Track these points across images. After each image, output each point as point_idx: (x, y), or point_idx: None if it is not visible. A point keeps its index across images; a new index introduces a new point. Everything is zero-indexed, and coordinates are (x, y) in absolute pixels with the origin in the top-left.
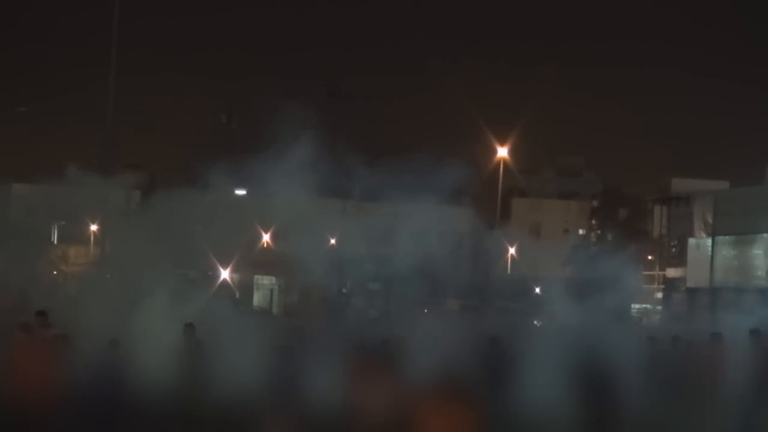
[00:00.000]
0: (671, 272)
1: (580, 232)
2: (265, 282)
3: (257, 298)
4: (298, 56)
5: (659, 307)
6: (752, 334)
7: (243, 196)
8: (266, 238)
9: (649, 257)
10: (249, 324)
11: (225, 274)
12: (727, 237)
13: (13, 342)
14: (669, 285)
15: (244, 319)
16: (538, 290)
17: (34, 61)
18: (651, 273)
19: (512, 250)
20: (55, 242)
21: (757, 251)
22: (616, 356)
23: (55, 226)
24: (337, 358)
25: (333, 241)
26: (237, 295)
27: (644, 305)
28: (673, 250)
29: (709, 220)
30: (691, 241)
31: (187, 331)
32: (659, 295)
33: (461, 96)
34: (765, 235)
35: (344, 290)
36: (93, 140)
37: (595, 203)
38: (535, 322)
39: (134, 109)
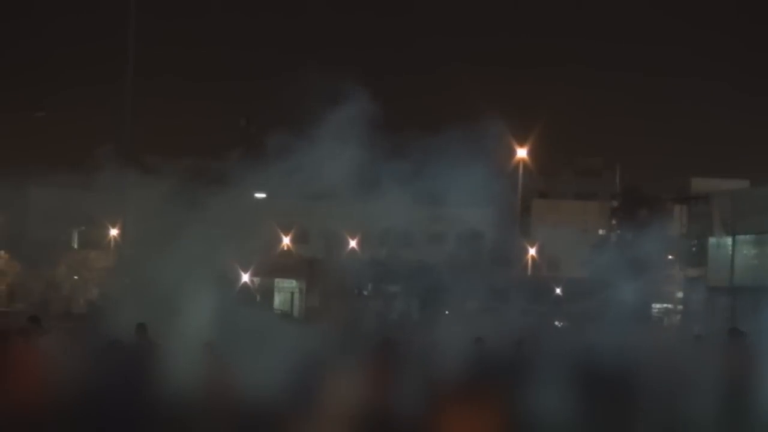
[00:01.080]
0: (691, 272)
1: (600, 232)
2: (285, 285)
3: (278, 301)
4: (316, 56)
5: (680, 307)
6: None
7: (263, 198)
8: (286, 241)
9: (669, 257)
10: (269, 327)
11: (245, 277)
12: (747, 236)
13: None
14: (689, 285)
15: (264, 322)
16: (558, 291)
17: (50, 66)
18: (671, 273)
19: (532, 251)
20: (76, 247)
21: None
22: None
23: (76, 231)
24: (354, 360)
25: (353, 244)
26: (257, 299)
27: (665, 305)
28: (693, 249)
29: (729, 219)
30: (712, 240)
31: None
32: (680, 294)
33: (478, 96)
34: None
35: (364, 293)
36: (110, 143)
37: (614, 204)
38: (556, 323)
39: (148, 109)
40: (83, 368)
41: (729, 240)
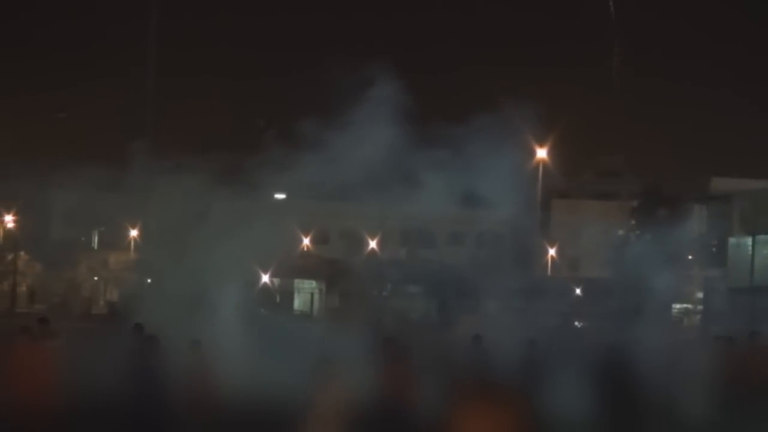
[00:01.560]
0: (711, 272)
1: (620, 232)
2: (305, 286)
3: (298, 302)
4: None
5: (700, 307)
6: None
7: (283, 199)
8: (306, 242)
9: (689, 257)
10: (289, 327)
11: (266, 278)
12: (767, 236)
13: (13, 346)
14: (709, 285)
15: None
16: (578, 291)
17: (72, 68)
18: (691, 273)
19: (552, 252)
20: (96, 248)
21: None
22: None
23: (96, 233)
24: (373, 359)
25: (373, 244)
26: (277, 299)
27: (685, 305)
28: (713, 249)
29: (749, 219)
30: (732, 240)
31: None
32: (700, 295)
33: (498, 96)
34: None
35: (384, 293)
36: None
37: (634, 204)
38: (576, 323)
39: (170, 109)
40: (90, 368)
41: (749, 240)
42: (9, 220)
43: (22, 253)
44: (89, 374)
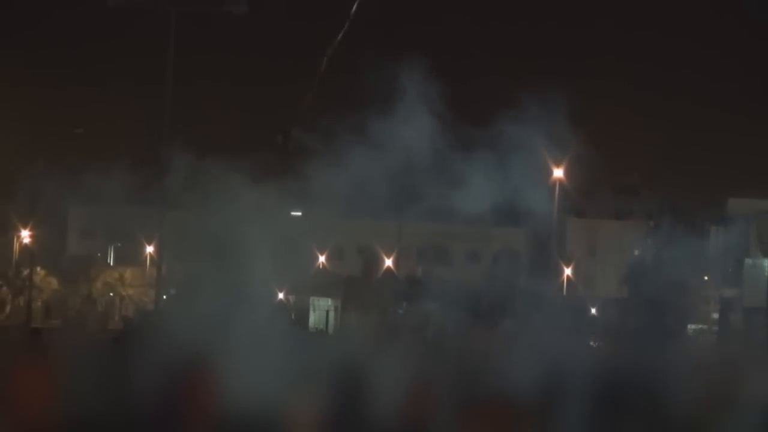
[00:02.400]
0: (727, 292)
1: (636, 252)
2: (321, 303)
3: (313, 319)
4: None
5: (715, 328)
6: None
7: (299, 216)
8: (322, 259)
9: (705, 277)
10: (304, 343)
11: (281, 295)
12: None
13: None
14: (725, 305)
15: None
16: (593, 311)
17: (87, 83)
18: (707, 293)
19: (568, 271)
20: (111, 263)
21: None
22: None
23: (112, 248)
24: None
25: (389, 262)
26: (293, 316)
27: (700, 325)
28: (730, 269)
29: (766, 239)
30: (748, 261)
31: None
32: (715, 315)
33: (514, 111)
34: None
35: (400, 311)
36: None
37: (651, 223)
38: (591, 343)
39: (185, 121)
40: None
41: (765, 261)
42: (25, 234)
43: (38, 268)
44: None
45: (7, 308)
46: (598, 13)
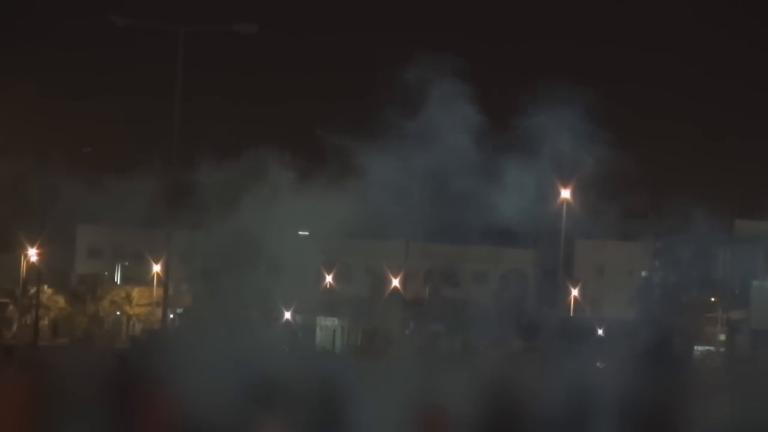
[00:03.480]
0: (734, 314)
1: (643, 273)
2: (327, 323)
3: (319, 339)
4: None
5: (722, 350)
6: None
7: (306, 236)
8: (329, 279)
9: (712, 299)
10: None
11: (287, 315)
12: None
13: None
14: (732, 327)
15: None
16: (600, 332)
17: (95, 102)
18: (714, 315)
19: (575, 292)
20: (119, 282)
21: None
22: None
23: (119, 267)
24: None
25: (395, 283)
26: (299, 335)
27: (707, 347)
28: (737, 292)
29: None
30: (755, 282)
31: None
32: (722, 337)
33: (523, 132)
34: None
35: (407, 331)
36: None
37: (658, 245)
38: (597, 364)
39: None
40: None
41: None
42: (33, 253)
43: (45, 286)
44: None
45: (14, 327)
46: (607, 34)
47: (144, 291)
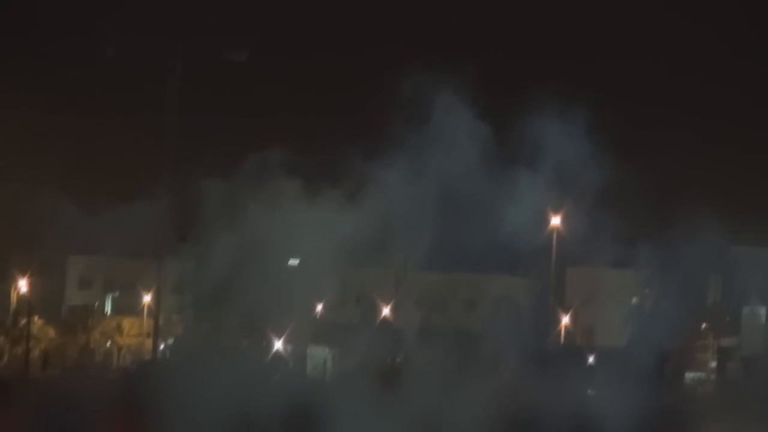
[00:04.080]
0: (726, 341)
1: (634, 300)
2: (318, 352)
3: (310, 368)
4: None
5: (713, 376)
6: None
7: (296, 264)
8: (319, 308)
9: (703, 326)
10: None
11: (278, 344)
12: None
13: None
14: (723, 353)
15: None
16: (592, 359)
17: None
18: (705, 342)
19: (566, 319)
20: (110, 313)
21: None
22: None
23: (110, 297)
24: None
25: (387, 311)
26: (290, 365)
27: (698, 374)
28: (728, 318)
29: (765, 288)
30: (746, 309)
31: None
32: (713, 364)
33: (513, 161)
34: None
35: (398, 359)
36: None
37: (649, 271)
38: (588, 391)
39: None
40: None
41: (763, 309)
42: (23, 283)
43: (36, 317)
44: None
45: (5, 358)
46: (605, 49)
47: (135, 321)
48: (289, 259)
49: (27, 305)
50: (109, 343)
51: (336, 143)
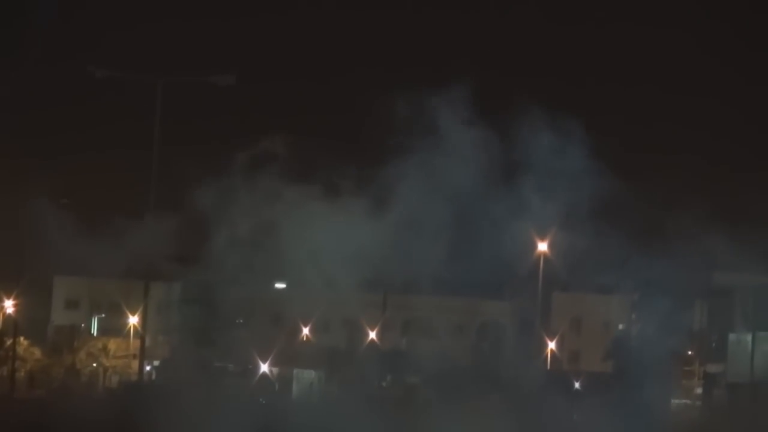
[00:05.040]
0: (711, 367)
1: (620, 326)
2: (305, 375)
3: (296, 391)
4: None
5: (699, 403)
6: None
7: (282, 289)
8: (306, 331)
9: (689, 352)
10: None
11: (264, 367)
12: (767, 333)
13: None
14: (709, 380)
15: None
16: (577, 385)
17: (74, 151)
18: (691, 368)
19: (552, 345)
20: (95, 334)
21: None
22: None
23: (95, 318)
24: None
25: (372, 335)
26: (276, 388)
27: (684, 400)
28: (714, 345)
29: (750, 315)
30: (732, 335)
31: None
32: (699, 390)
33: (501, 188)
34: None
35: (383, 383)
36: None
37: (635, 297)
38: (574, 416)
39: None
40: None
41: (749, 336)
42: (9, 304)
43: (21, 338)
44: None
45: None
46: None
47: (121, 343)
48: (276, 283)
49: (13, 326)
50: (95, 364)
51: (320, 168)
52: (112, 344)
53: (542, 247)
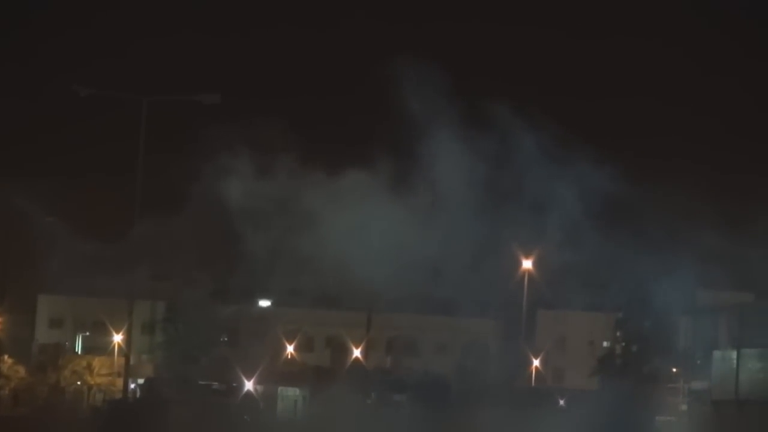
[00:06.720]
0: (696, 385)
1: (605, 344)
2: (289, 393)
3: (281, 409)
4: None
5: (683, 420)
6: None
7: (267, 307)
8: (290, 349)
9: (674, 369)
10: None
11: (249, 385)
12: (752, 350)
13: None
14: (693, 397)
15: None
16: (562, 402)
17: (59, 169)
18: (675, 385)
19: (537, 362)
20: (80, 352)
21: None
22: None
23: (80, 337)
24: None
25: (357, 353)
26: (261, 406)
27: (669, 417)
28: (698, 362)
29: (735, 332)
30: (716, 353)
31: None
32: (684, 407)
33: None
34: None
35: (368, 401)
36: (118, 246)
37: (620, 315)
38: None
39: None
40: None
41: (734, 353)
42: None
43: (5, 356)
44: None
45: None
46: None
47: (105, 361)
48: (260, 301)
49: None
50: (79, 382)
51: (301, 187)
52: (97, 362)
53: (527, 264)
